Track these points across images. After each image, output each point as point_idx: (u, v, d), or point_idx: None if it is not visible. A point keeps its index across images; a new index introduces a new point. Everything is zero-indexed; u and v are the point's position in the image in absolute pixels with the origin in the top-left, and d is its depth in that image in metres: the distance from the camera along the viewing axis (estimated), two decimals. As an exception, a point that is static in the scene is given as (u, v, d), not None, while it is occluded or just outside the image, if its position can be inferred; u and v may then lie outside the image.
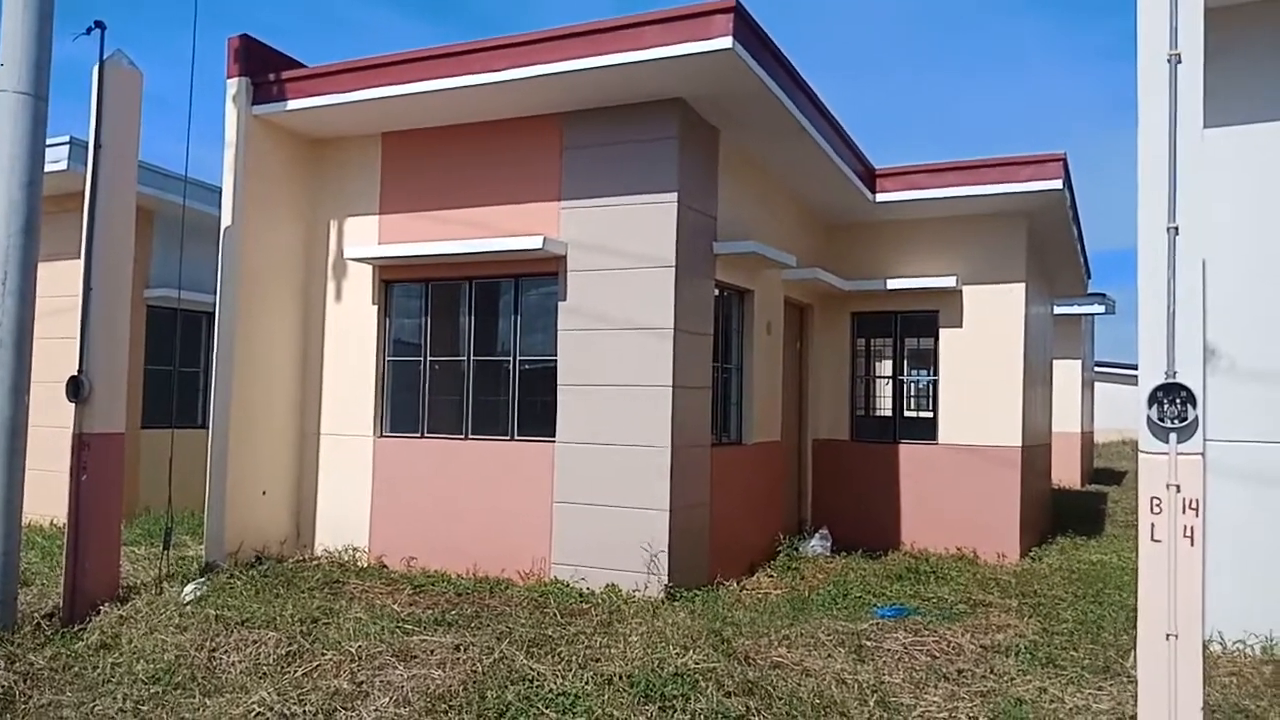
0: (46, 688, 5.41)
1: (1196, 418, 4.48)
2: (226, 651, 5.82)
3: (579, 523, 8.01)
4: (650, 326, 7.81)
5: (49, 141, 6.91)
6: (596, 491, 7.96)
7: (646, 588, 7.58)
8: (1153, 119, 4.65)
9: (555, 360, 8.23)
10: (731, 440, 9.44)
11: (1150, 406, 4.56)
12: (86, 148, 6.99)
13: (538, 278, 8.45)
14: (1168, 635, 4.44)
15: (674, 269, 7.77)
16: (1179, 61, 4.61)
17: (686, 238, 7.97)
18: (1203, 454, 4.52)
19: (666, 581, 7.59)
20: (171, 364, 11.83)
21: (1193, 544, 4.45)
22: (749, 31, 7.11)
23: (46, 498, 8.27)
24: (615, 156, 8.06)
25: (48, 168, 6.99)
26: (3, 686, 5.35)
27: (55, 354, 7.78)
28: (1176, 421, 4.51)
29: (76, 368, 6.81)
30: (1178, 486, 4.50)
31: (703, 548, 8.33)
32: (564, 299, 8.20)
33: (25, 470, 6.47)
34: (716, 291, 8.77)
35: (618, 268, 7.97)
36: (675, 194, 7.82)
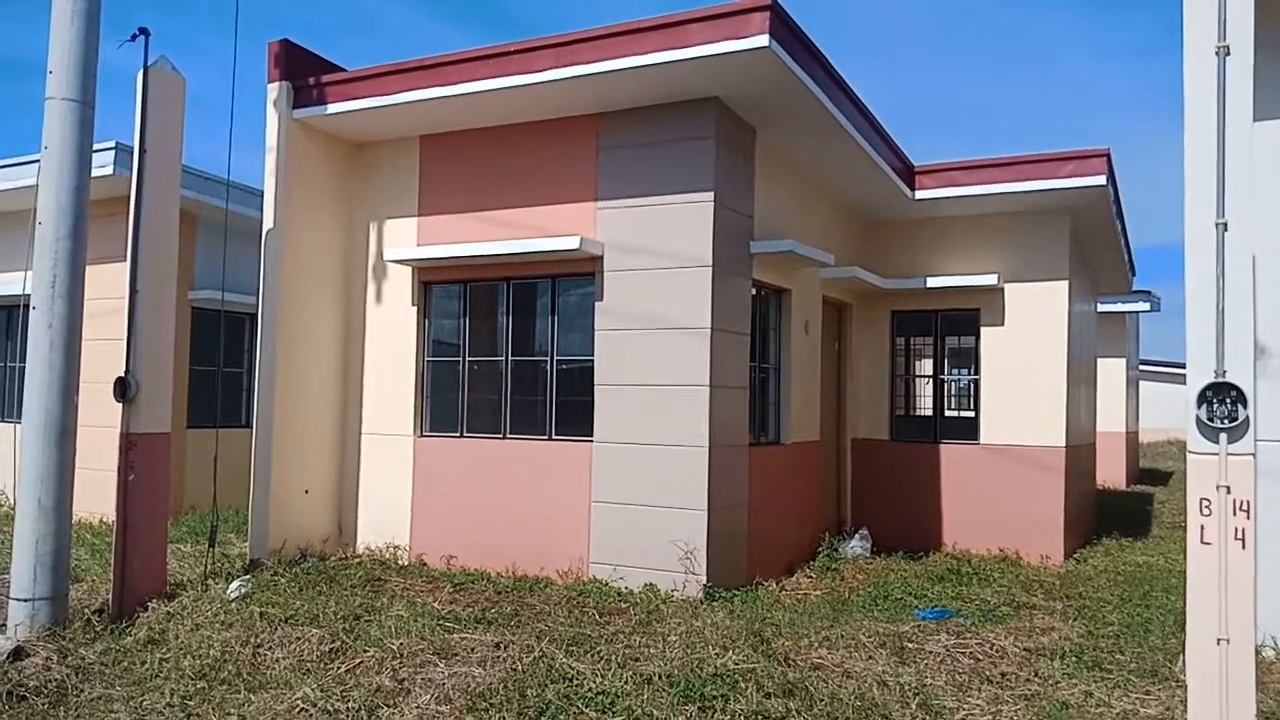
0: (97, 682, 5.52)
1: (1247, 417, 4.39)
2: (270, 648, 5.90)
3: (617, 522, 8.02)
4: (687, 326, 7.79)
5: (95, 147, 7.01)
6: (634, 491, 7.96)
7: (685, 587, 7.58)
8: (1200, 113, 4.55)
9: (592, 360, 8.25)
10: (770, 440, 9.40)
11: (1199, 406, 4.47)
12: (132, 153, 7.10)
13: (575, 278, 8.47)
14: (1218, 640, 4.36)
15: (711, 269, 7.75)
16: (1228, 53, 4.51)
17: (723, 237, 7.95)
18: (1254, 454, 4.42)
19: (705, 581, 7.57)
20: (216, 364, 12.01)
21: (1244, 546, 4.36)
22: (785, 29, 7.07)
23: (95, 496, 8.42)
24: (652, 156, 8.06)
25: (94, 172, 7.13)
26: (56, 680, 5.46)
27: (103, 355, 7.91)
28: (1226, 421, 4.42)
29: (123, 368, 6.93)
30: (1228, 488, 4.41)
31: (741, 548, 8.30)
32: (601, 299, 8.21)
33: (75, 469, 6.60)
34: (754, 291, 8.73)
35: (655, 267, 7.97)
36: (712, 193, 7.80)
